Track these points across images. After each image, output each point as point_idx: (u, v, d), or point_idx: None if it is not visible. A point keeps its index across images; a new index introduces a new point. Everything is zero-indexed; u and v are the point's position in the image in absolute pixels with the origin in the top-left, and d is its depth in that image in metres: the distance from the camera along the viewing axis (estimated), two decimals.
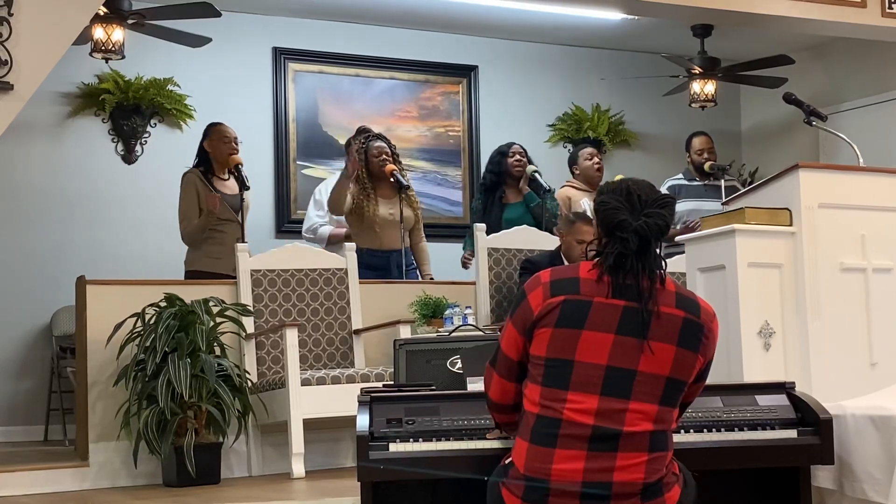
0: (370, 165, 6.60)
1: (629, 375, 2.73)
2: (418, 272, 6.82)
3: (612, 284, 2.76)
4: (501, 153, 6.97)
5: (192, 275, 6.41)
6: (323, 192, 7.16)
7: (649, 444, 2.74)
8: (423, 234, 6.91)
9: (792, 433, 3.30)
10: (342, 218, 6.83)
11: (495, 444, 3.04)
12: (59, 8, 5.11)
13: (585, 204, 6.92)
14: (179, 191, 6.48)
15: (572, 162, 7.25)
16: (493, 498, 2.87)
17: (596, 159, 7.16)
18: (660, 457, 2.77)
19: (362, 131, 7.17)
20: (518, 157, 6.93)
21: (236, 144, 6.52)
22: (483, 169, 7.31)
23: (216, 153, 6.49)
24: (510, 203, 6.87)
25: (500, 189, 6.91)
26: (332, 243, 7.01)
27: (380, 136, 6.80)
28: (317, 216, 7.15)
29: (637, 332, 2.74)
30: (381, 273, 6.51)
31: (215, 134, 6.54)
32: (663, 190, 7.40)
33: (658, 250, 2.82)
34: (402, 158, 7.05)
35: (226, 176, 6.50)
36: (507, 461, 2.86)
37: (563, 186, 7.14)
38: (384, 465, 3.08)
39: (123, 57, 7.14)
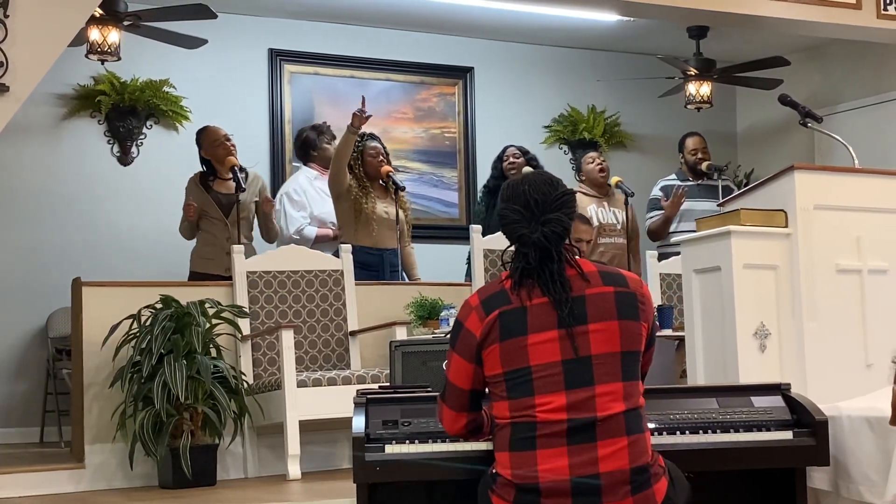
0: (366, 165, 6.60)
1: (586, 362, 2.77)
2: (405, 277, 6.80)
3: (539, 286, 2.81)
4: (498, 159, 7.12)
5: (192, 276, 6.54)
6: (300, 192, 7.09)
7: (625, 426, 2.77)
8: (410, 239, 6.91)
9: (787, 434, 3.30)
10: (324, 216, 6.83)
11: (491, 446, 3.04)
12: (55, 9, 5.11)
13: (592, 210, 6.94)
14: None
15: (578, 169, 7.33)
16: None
17: (598, 161, 7.18)
18: (639, 439, 2.79)
19: (325, 130, 7.22)
20: (511, 159, 6.98)
21: (228, 141, 6.54)
22: (479, 170, 7.34)
23: (214, 158, 6.53)
24: None
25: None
26: (319, 243, 7.00)
27: (373, 136, 6.80)
28: (301, 217, 7.07)
29: (577, 320, 2.78)
30: (375, 271, 6.51)
31: (205, 140, 6.60)
32: (656, 190, 7.49)
33: (566, 244, 2.86)
34: (397, 160, 7.06)
35: (229, 176, 6.51)
36: (493, 471, 2.87)
37: None
38: (380, 466, 3.09)
39: (119, 58, 7.13)
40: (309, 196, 6.99)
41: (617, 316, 2.81)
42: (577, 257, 2.89)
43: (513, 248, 2.91)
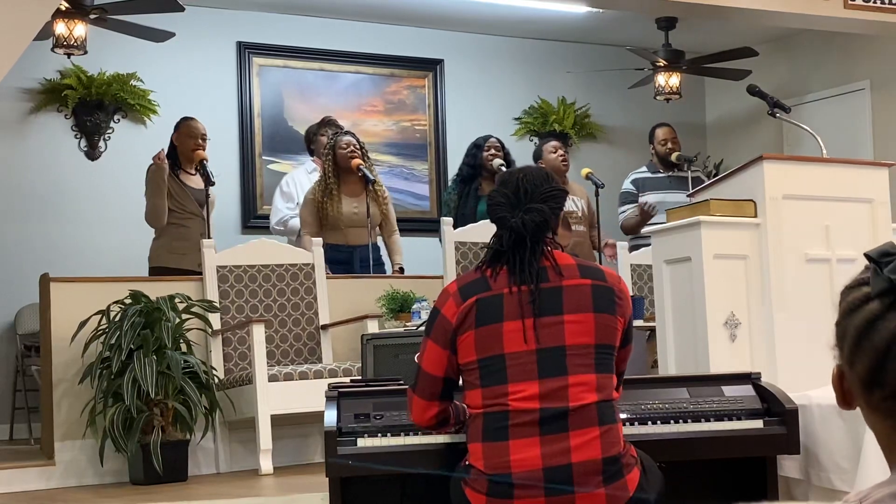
0: (338, 160, 6.56)
1: (560, 352, 2.79)
2: (389, 262, 6.76)
3: (510, 274, 2.83)
4: (477, 146, 6.99)
5: (157, 271, 6.36)
6: (291, 184, 7.11)
7: (598, 416, 2.78)
8: (395, 227, 6.86)
9: (758, 423, 3.32)
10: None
11: (463, 438, 3.04)
12: (20, 3, 5.06)
13: None
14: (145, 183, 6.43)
15: (537, 156, 7.23)
16: (457, 498, 2.87)
17: (560, 152, 7.14)
18: (611, 429, 2.80)
19: (328, 122, 7.16)
20: (493, 150, 6.93)
21: (203, 141, 6.49)
22: (450, 163, 7.31)
23: (182, 148, 6.48)
24: (485, 195, 6.87)
25: (475, 181, 6.92)
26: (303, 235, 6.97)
27: (348, 133, 6.76)
28: (287, 208, 7.03)
29: (551, 311, 2.79)
30: (344, 268, 6.48)
31: (184, 128, 6.53)
32: (627, 183, 7.50)
33: (547, 237, 2.88)
34: (368, 153, 7.01)
35: (192, 171, 6.47)
36: (466, 462, 2.87)
37: None
38: (352, 460, 3.08)
39: (86, 52, 7.07)
40: (301, 188, 6.93)
41: (593, 309, 2.83)
42: (556, 250, 2.89)
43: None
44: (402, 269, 6.70)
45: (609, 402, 2.83)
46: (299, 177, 7.12)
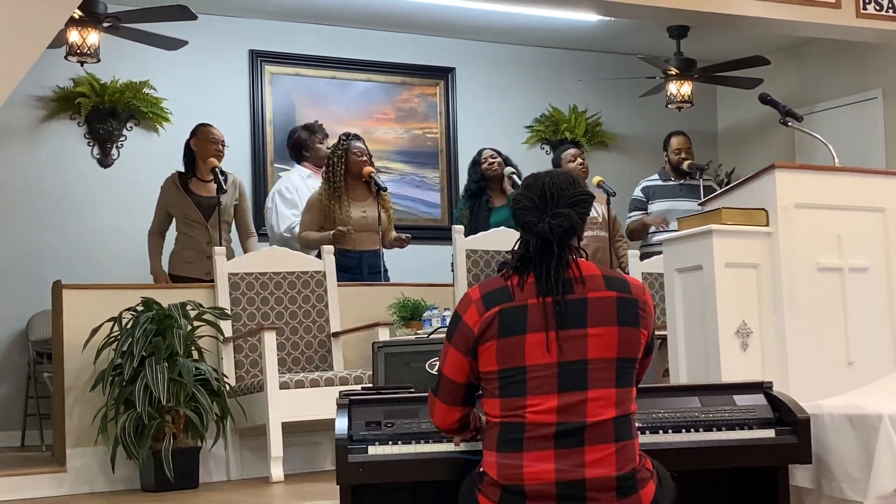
0: (350, 165, 6.56)
1: (582, 366, 2.75)
2: (391, 234, 6.72)
3: (536, 284, 2.79)
4: (475, 163, 7.11)
5: (170, 279, 6.47)
6: (292, 190, 7.10)
7: (614, 433, 2.75)
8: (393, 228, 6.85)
9: (770, 433, 3.31)
10: None
11: (474, 447, 3.04)
12: (34, 11, 5.08)
13: None
14: None
15: (556, 164, 7.27)
16: None
17: (579, 160, 7.18)
18: (627, 445, 2.77)
19: (318, 129, 7.22)
20: (490, 159, 6.98)
21: (222, 147, 6.53)
22: (461, 171, 7.31)
23: (201, 152, 6.51)
24: (496, 207, 6.91)
25: (485, 194, 6.97)
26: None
27: (357, 137, 6.78)
28: (293, 215, 7.04)
29: (576, 323, 2.76)
30: (353, 273, 6.48)
31: (202, 134, 6.56)
32: (638, 191, 7.50)
33: (572, 244, 2.84)
34: (379, 161, 7.04)
35: (209, 177, 6.48)
36: (480, 469, 2.86)
37: None
38: (363, 468, 3.08)
39: (99, 60, 7.10)
40: (301, 194, 6.95)
41: (617, 322, 2.78)
42: (581, 259, 2.86)
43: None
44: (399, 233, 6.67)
45: (627, 416, 2.79)
46: (296, 182, 7.12)
